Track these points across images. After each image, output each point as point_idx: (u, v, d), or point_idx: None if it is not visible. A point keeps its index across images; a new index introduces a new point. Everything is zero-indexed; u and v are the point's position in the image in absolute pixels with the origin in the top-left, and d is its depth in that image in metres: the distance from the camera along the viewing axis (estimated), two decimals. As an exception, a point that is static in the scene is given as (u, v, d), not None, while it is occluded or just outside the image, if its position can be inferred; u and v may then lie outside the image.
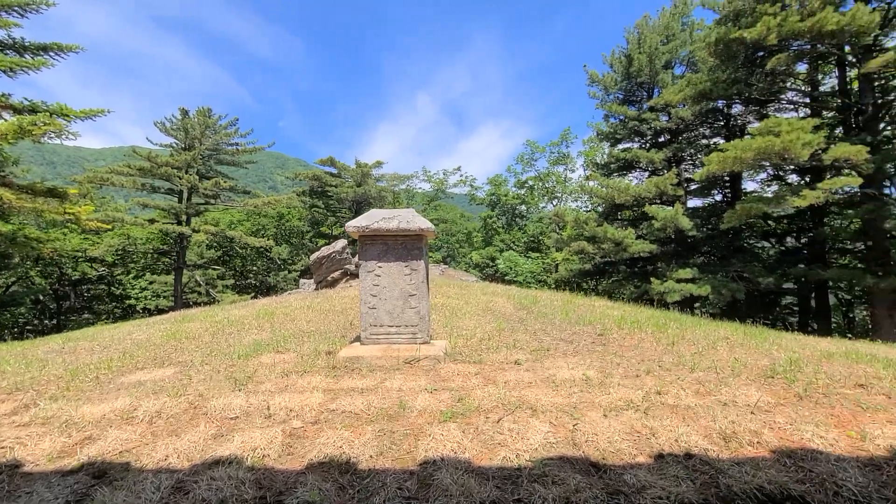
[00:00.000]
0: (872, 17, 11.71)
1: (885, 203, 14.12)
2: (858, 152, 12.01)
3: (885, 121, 15.41)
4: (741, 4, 15.05)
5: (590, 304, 6.55)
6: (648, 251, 16.76)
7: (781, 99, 17.42)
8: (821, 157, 12.93)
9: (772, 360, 3.65)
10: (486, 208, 30.35)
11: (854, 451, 2.29)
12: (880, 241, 13.84)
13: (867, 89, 14.17)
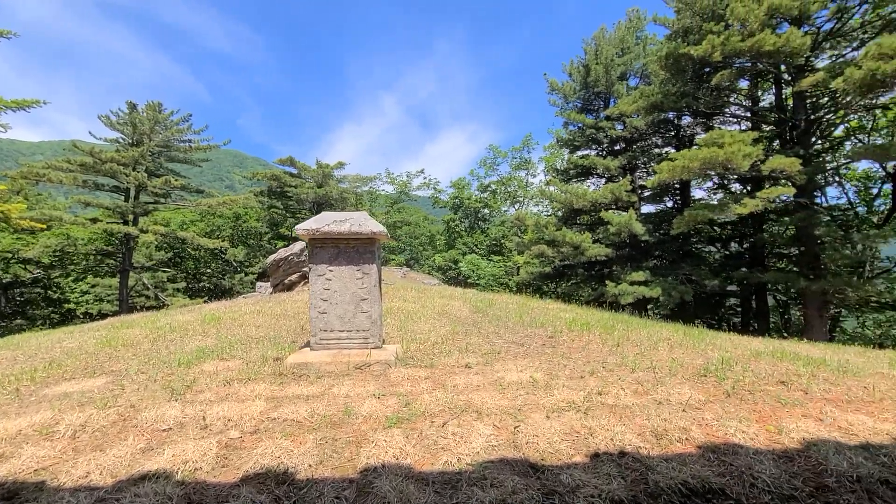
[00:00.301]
0: (804, 41, 12.67)
1: (815, 212, 15.27)
2: (792, 164, 12.92)
3: (816, 135, 16.71)
4: (689, 22, 15.93)
5: (544, 306, 6.70)
6: (605, 255, 17.34)
7: (726, 112, 18.54)
8: (760, 167, 13.82)
9: (706, 360, 3.86)
10: (450, 211, 30.50)
11: (771, 444, 2.45)
12: (811, 246, 14.92)
13: (800, 106, 15.28)
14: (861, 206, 22.25)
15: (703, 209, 14.17)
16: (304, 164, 26.62)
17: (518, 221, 18.64)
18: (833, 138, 19.15)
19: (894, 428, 2.64)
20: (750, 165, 13.38)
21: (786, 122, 15.95)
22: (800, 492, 2.06)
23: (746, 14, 12.83)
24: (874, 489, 2.07)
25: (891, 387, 3.24)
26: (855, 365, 3.83)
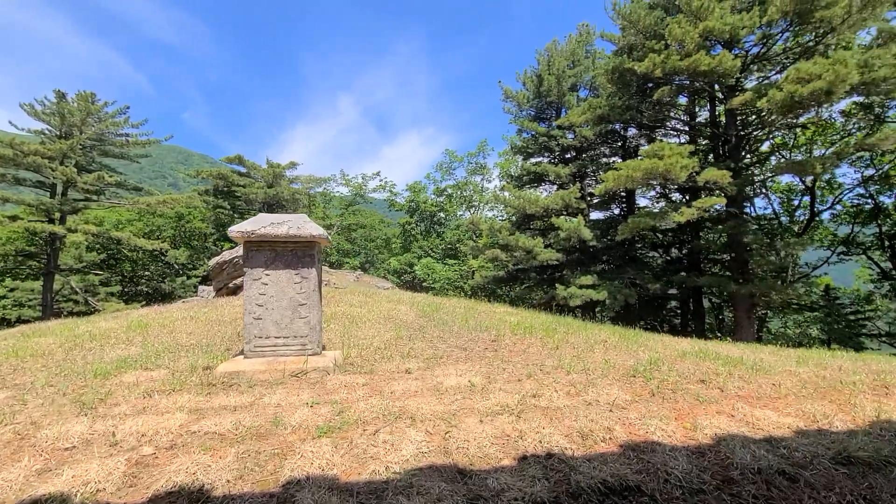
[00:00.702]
0: (735, 63, 13.68)
1: (744, 221, 16.47)
2: (723, 176, 13.87)
3: (745, 150, 18.04)
4: (633, 40, 16.80)
5: (490, 310, 6.79)
6: (555, 259, 17.86)
7: (667, 126, 19.70)
8: (695, 179, 14.75)
9: (636, 361, 4.04)
10: (406, 214, 30.38)
11: (687, 440, 2.58)
12: (741, 253, 16.05)
13: (731, 123, 16.45)
14: (784, 217, 24.33)
15: (646, 217, 14.92)
16: (253, 162, 25.60)
17: (473, 226, 18.85)
18: (760, 153, 20.81)
19: (795, 421, 2.86)
20: (687, 176, 14.24)
21: (719, 136, 17.13)
22: (707, 485, 2.18)
23: (683, 35, 13.68)
24: (772, 480, 2.23)
25: (795, 383, 3.53)
26: (768, 363, 4.14)
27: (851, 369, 4.11)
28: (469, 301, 8.12)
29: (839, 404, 3.11)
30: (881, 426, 2.80)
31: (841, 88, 11.66)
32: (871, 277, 23.15)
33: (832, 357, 4.71)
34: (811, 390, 3.38)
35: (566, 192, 17.16)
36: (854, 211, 21.69)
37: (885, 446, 2.55)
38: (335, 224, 30.16)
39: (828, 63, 11.70)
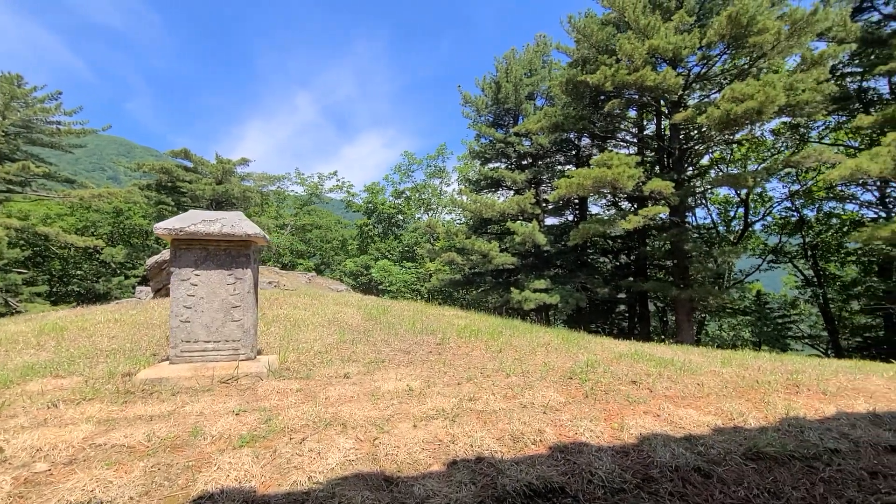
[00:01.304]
0: (678, 80, 14.49)
1: (686, 229, 17.44)
2: (666, 187, 14.60)
3: (688, 163, 19.13)
4: (587, 53, 17.43)
5: (439, 313, 6.77)
6: (511, 263, 18.14)
7: (618, 137, 20.57)
8: (642, 188, 15.46)
9: (575, 363, 4.13)
10: (363, 216, 29.91)
11: (613, 440, 2.65)
12: (682, 260, 16.95)
13: (675, 136, 17.38)
14: (722, 226, 26.04)
15: (596, 223, 15.47)
16: (201, 157, 24.34)
17: (430, 229, 18.83)
18: (701, 166, 22.17)
19: (714, 420, 3.01)
20: (633, 186, 14.90)
21: (664, 149, 18.07)
22: (628, 484, 2.23)
23: (632, 51, 14.33)
24: (688, 477, 2.32)
25: (718, 383, 3.73)
26: (696, 364, 4.36)
27: (769, 369, 4.40)
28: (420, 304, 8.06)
29: (754, 402, 3.31)
30: (789, 422, 3.00)
31: (770, 109, 12.60)
32: (796, 284, 25.14)
33: (754, 358, 5.04)
34: (731, 389, 3.58)
35: (522, 198, 17.50)
36: (782, 223, 23.52)
37: (791, 441, 2.73)
38: (289, 224, 29.20)
39: (759, 85, 12.62)
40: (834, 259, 22.65)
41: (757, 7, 13.32)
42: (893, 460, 2.62)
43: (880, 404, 3.50)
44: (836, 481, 2.36)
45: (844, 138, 19.24)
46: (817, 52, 13.93)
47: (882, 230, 11.88)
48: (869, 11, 15.85)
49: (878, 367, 5.58)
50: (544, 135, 18.20)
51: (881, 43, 14.48)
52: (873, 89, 16.52)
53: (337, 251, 32.95)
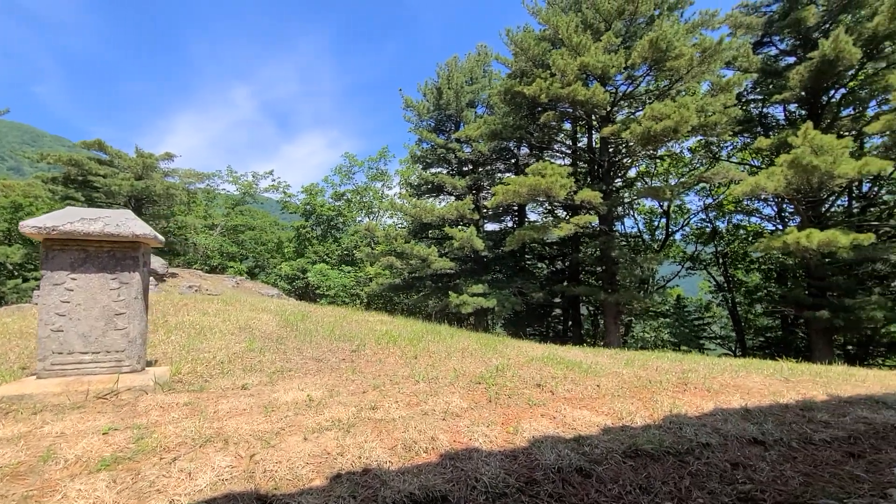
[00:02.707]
0: (605, 96, 15.36)
1: (613, 237, 18.48)
2: (595, 197, 15.38)
3: (616, 175, 20.32)
4: (524, 65, 18.04)
5: (363, 319, 6.63)
6: (450, 268, 18.26)
7: (553, 148, 21.47)
8: (573, 197, 16.19)
9: (486, 368, 4.18)
10: (301, 218, 28.81)
11: (506, 444, 2.68)
12: (610, 266, 17.91)
13: (605, 150, 18.38)
14: (647, 235, 27.94)
15: (530, 230, 15.98)
16: (118, 150, 22.29)
17: (368, 232, 18.52)
18: (628, 178, 23.64)
19: (605, 420, 3.14)
20: (566, 195, 15.56)
21: (595, 161, 19.07)
22: (511, 488, 2.25)
23: (565, 66, 15.02)
24: (569, 477, 2.38)
25: (616, 384, 3.92)
26: (601, 366, 4.57)
27: (666, 369, 4.71)
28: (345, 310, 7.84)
29: (644, 402, 3.51)
30: (671, 420, 3.20)
31: (684, 128, 13.69)
32: (710, 289, 27.48)
33: (657, 359, 5.39)
34: (626, 390, 3.78)
35: (461, 203, 17.71)
36: (698, 233, 25.66)
37: (669, 437, 2.91)
38: (219, 224, 27.45)
39: (675, 106, 13.67)
40: (741, 266, 25.02)
41: (674, 34, 14.45)
42: (754, 451, 2.87)
43: (753, 400, 3.85)
44: (702, 474, 2.54)
45: (749, 158, 21.35)
46: (725, 80, 15.38)
47: (776, 241, 13.27)
48: (768, 46, 17.75)
49: (763, 365, 6.16)
50: (484, 142, 18.56)
51: (777, 74, 16.25)
52: (772, 115, 18.48)
53: (272, 254, 31.47)
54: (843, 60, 13.57)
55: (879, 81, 14.13)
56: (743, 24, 17.20)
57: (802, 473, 2.65)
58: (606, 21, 16.54)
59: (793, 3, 15.92)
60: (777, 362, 6.89)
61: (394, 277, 21.16)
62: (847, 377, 5.77)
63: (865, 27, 13.57)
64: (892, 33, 13.48)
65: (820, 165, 12.09)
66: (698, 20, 16.72)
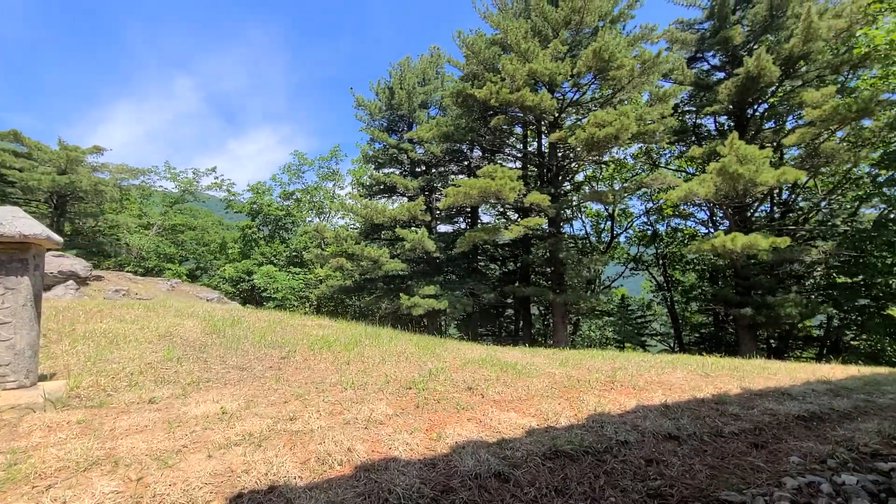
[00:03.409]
0: (552, 102, 15.78)
1: (561, 239, 18.99)
2: (543, 199, 15.75)
3: (564, 178, 20.95)
4: (475, 69, 18.22)
5: (301, 323, 6.37)
6: (401, 269, 18.08)
7: (505, 151, 21.83)
8: (523, 200, 16.52)
9: (420, 372, 4.11)
10: (247, 217, 27.48)
11: (426, 452, 2.61)
12: (558, 267, 18.41)
13: (553, 154, 18.88)
14: (594, 237, 29.08)
15: (481, 232, 16.14)
16: (38, 142, 20.31)
17: (317, 233, 17.98)
18: (576, 182, 24.49)
19: (531, 421, 3.16)
20: (515, 197, 15.84)
21: (544, 165, 19.58)
22: (425, 498, 2.19)
23: (514, 72, 15.29)
24: (486, 483, 2.35)
25: (546, 385, 3.97)
26: (536, 366, 4.62)
27: (598, 368, 4.84)
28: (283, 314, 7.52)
29: (571, 401, 3.57)
30: (595, 418, 3.27)
31: (625, 135, 14.33)
32: (651, 289, 28.99)
33: (591, 357, 5.55)
34: (556, 390, 3.84)
35: (412, 204, 17.59)
36: (640, 235, 27.00)
37: (590, 437, 2.96)
38: (155, 224, 25.64)
39: (616, 114, 14.28)
40: (678, 267, 26.57)
41: (616, 45, 15.09)
42: (668, 447, 2.98)
43: (674, 395, 4.02)
44: (618, 472, 2.59)
45: (684, 165, 22.70)
46: (662, 91, 16.27)
47: (706, 244, 14.18)
48: (701, 61, 18.98)
49: (690, 361, 6.51)
50: (436, 143, 18.56)
51: (709, 88, 17.39)
52: (704, 126, 19.77)
53: (216, 255, 29.87)
54: (764, 77, 14.73)
55: (795, 98, 15.45)
56: (678, 40, 18.30)
57: (710, 466, 2.77)
58: (554, 29, 17.03)
59: (722, 23, 17.10)
60: (703, 357, 7.33)
61: (344, 279, 20.68)
62: (761, 370, 6.19)
63: (783, 47, 14.81)
64: (806, 54, 14.79)
65: (744, 173, 13.04)
66: (639, 33, 17.60)
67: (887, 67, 14.91)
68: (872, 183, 17.47)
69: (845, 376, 6.54)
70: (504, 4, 18.65)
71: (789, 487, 2.55)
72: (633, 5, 17.80)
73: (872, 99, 13.64)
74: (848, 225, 17.66)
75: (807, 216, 19.30)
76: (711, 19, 17.85)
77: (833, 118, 13.57)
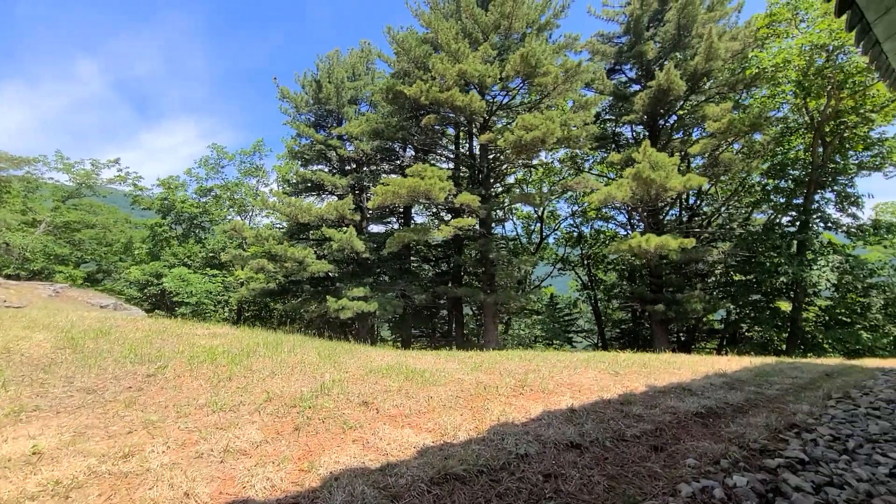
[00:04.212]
0: (481, 104, 15.85)
1: (491, 240, 19.18)
2: (473, 200, 15.76)
3: (495, 180, 21.22)
4: (406, 66, 17.90)
5: (190, 332, 5.63)
6: (328, 270, 17.27)
7: (437, 152, 21.71)
8: (454, 201, 16.44)
9: (312, 386, 3.70)
10: (157, 215, 24.78)
11: (291, 488, 2.23)
12: (488, 267, 18.56)
13: (484, 156, 19.02)
14: (525, 238, 29.92)
15: (410, 232, 15.82)
16: None
17: (235, 232, 16.63)
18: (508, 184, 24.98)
19: (426, 438, 2.87)
20: (445, 197, 15.71)
21: (475, 167, 19.69)
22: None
23: (444, 71, 15.17)
24: (357, 521, 2.01)
25: (451, 393, 3.73)
26: (447, 373, 4.38)
27: (513, 370, 4.71)
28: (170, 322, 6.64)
29: (475, 411, 3.34)
30: (497, 429, 3.06)
31: (550, 139, 14.73)
32: (577, 288, 30.36)
33: (507, 360, 5.43)
34: (461, 399, 3.60)
35: (340, 203, 16.86)
36: (567, 237, 28.17)
37: (488, 452, 2.74)
38: (43, 220, 22.31)
39: (543, 118, 14.64)
40: (602, 267, 28.06)
41: (542, 52, 15.49)
42: (569, 458, 2.84)
43: (581, 398, 3.96)
44: (511, 493, 2.38)
45: (606, 171, 23.99)
46: (585, 98, 16.99)
47: (623, 244, 14.96)
48: (619, 73, 20.12)
49: (605, 358, 6.63)
50: (366, 140, 17.96)
51: (626, 99, 18.44)
52: (623, 134, 20.98)
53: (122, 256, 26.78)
54: (673, 91, 15.87)
55: (699, 111, 16.82)
56: (599, 52, 19.27)
57: (609, 477, 2.65)
58: (484, 32, 17.16)
59: (637, 38, 18.22)
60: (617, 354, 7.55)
61: (268, 282, 19.38)
62: (668, 365, 6.44)
63: (689, 64, 16.04)
64: (708, 71, 16.15)
65: (656, 179, 13.90)
66: (563, 42, 18.27)
67: (774, 88, 16.72)
68: (762, 191, 19.56)
69: (740, 367, 7.01)
70: (436, 3, 18.51)
71: (684, 495, 2.50)
72: (559, 15, 18.43)
73: (761, 115, 15.20)
74: (743, 228, 19.61)
75: (710, 220, 21.18)
76: (628, 34, 18.97)
77: (730, 131, 14.91)
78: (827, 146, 16.77)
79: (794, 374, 6.54)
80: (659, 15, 18.07)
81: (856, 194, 17.33)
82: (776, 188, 18.86)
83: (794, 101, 16.91)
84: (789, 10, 15.13)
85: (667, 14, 17.29)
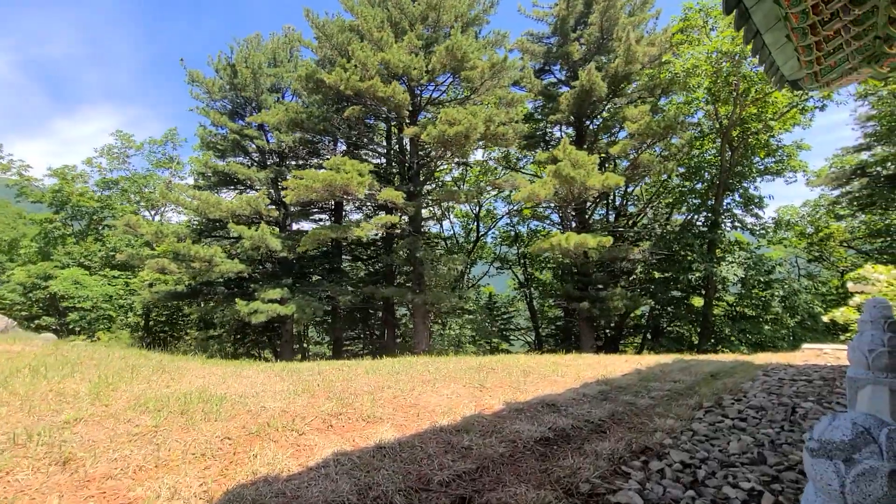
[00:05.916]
0: (405, 96, 15.22)
1: (418, 238, 18.55)
2: (398, 197, 15.11)
3: (426, 177, 20.68)
4: (329, 53, 16.95)
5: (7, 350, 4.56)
6: (240, 271, 15.97)
7: (369, 147, 20.83)
8: (376, 197, 15.71)
9: (26, 430, 2.82)
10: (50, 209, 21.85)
11: None
12: (417, 266, 17.98)
13: (414, 151, 18.40)
14: (462, 237, 29.69)
15: (327, 230, 14.93)
16: None
17: (130, 229, 14.93)
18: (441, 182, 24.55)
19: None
20: (366, 193, 14.97)
21: (405, 162, 19.04)
22: None
23: (366, 59, 14.40)
24: None
25: (223, 434, 2.95)
26: (252, 399, 3.64)
27: (357, 389, 4.09)
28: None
29: (230, 464, 2.60)
30: (234, 494, 2.33)
31: (474, 135, 14.37)
32: (515, 286, 30.54)
33: (372, 372, 4.80)
34: (230, 443, 2.88)
35: (252, 197, 15.64)
36: (504, 235, 28.21)
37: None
38: None
39: (466, 113, 14.25)
40: (537, 266, 28.35)
41: (469, 46, 15.08)
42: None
43: (410, 427, 3.39)
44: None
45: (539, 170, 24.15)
46: (511, 96, 16.80)
47: (545, 243, 14.92)
48: (549, 74, 20.21)
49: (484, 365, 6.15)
50: (285, 131, 16.75)
51: (554, 99, 18.50)
52: (553, 134, 21.12)
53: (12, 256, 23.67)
54: (595, 92, 16.02)
55: (621, 114, 17.14)
56: (529, 51, 19.22)
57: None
58: (411, 23, 16.53)
59: (564, 39, 18.32)
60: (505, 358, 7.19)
61: (176, 284, 17.71)
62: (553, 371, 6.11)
63: (611, 67, 16.28)
64: (628, 75, 16.47)
65: (576, 177, 13.90)
66: (492, 38, 18.03)
67: (689, 94, 17.38)
68: (680, 193, 20.39)
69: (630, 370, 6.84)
70: (362, -10, 17.64)
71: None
72: (489, 11, 18.17)
73: (676, 119, 15.67)
74: (663, 228, 20.36)
75: (635, 220, 21.85)
76: (556, 35, 19.06)
77: (647, 133, 15.25)
78: (734, 151, 17.68)
79: (678, 377, 6.39)
80: (584, 17, 18.26)
81: (759, 196, 18.43)
82: (692, 190, 19.70)
83: (706, 107, 17.66)
84: (701, 17, 15.69)
85: (591, 17, 17.48)
